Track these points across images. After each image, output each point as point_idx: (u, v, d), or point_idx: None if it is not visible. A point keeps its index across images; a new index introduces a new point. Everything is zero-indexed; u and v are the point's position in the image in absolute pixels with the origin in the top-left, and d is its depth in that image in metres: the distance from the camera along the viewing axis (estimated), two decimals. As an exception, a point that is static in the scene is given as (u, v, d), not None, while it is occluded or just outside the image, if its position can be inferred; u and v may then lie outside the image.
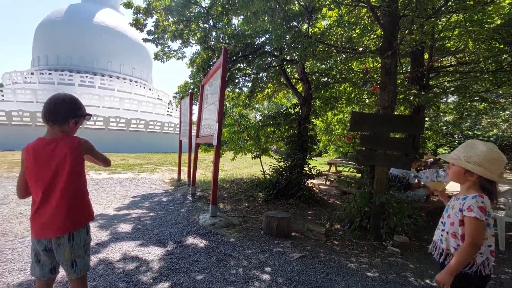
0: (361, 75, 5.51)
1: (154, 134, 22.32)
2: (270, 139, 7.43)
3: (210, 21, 5.78)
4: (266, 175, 7.16)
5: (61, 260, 1.43)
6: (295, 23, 3.91)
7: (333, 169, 9.85)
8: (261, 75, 7.16)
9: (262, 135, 7.38)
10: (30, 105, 19.53)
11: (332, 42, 4.97)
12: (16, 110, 17.72)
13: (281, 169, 5.95)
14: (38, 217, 1.39)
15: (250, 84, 7.60)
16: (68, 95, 1.48)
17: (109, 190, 5.55)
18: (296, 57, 6.04)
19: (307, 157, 5.78)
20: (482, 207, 1.23)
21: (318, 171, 6.36)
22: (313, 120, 6.68)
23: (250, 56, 5.49)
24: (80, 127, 1.56)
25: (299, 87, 7.73)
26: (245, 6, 3.39)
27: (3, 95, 21.13)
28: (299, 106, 6.15)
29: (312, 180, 6.03)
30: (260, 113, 9.60)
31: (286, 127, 6.37)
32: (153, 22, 5.74)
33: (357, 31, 5.07)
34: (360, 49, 4.14)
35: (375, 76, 5.31)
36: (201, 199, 5.19)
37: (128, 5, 5.19)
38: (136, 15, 5.47)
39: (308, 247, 3.07)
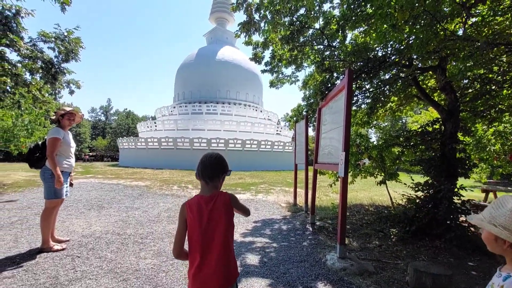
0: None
1: (265, 152, 23.66)
2: (397, 162, 6.35)
3: (325, 41, 5.56)
4: (395, 204, 6.10)
5: None
6: (441, 26, 3.14)
7: (490, 196, 7.50)
8: (382, 88, 6.32)
9: (387, 157, 6.42)
10: (172, 132, 24.48)
11: (486, 38, 3.79)
12: (164, 137, 22.49)
13: (418, 200, 4.88)
14: (199, 273, 1.42)
15: (369, 100, 6.84)
16: (216, 154, 1.59)
17: (233, 213, 5.94)
18: (431, 64, 5.00)
19: (458, 187, 4.50)
20: None
21: (473, 203, 4.89)
22: (462, 138, 5.26)
23: (373, 70, 4.87)
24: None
25: (435, 97, 6.39)
26: (381, 19, 2.96)
27: (156, 126, 27.42)
28: (441, 122, 4.97)
29: (465, 217, 4.64)
30: (379, 130, 8.48)
31: (423, 147, 5.26)
32: (270, 53, 6.01)
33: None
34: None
35: None
36: (322, 230, 4.80)
37: (248, 43, 5.62)
38: (255, 50, 5.87)
39: (492, 330, 2.17)
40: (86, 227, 4.54)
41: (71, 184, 3.87)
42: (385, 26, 3.03)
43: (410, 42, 3.61)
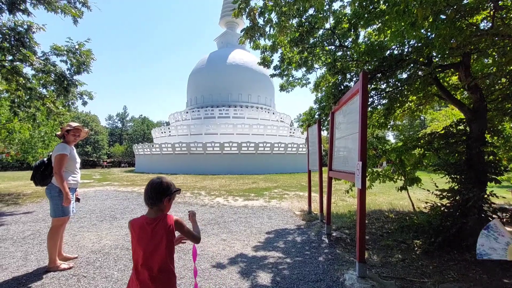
0: None
1: (279, 155, 23.38)
2: (419, 166, 5.96)
3: (336, 41, 5.30)
4: (418, 212, 5.72)
5: None
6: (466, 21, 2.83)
7: (522, 201, 6.92)
8: (400, 88, 5.97)
9: (407, 161, 6.04)
10: (186, 137, 24.66)
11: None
12: (177, 142, 22.69)
13: (443, 208, 4.51)
14: (137, 284, 1.60)
15: (385, 101, 6.48)
16: (159, 180, 1.73)
17: (246, 222, 5.76)
18: (452, 60, 4.63)
19: (488, 193, 4.11)
20: None
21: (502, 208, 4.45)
22: (490, 140, 4.85)
23: (389, 70, 4.57)
24: (174, 201, 1.85)
25: (458, 95, 5.98)
26: (397, 17, 2.70)
27: (170, 131, 27.75)
28: (466, 123, 4.59)
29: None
30: (397, 130, 8.03)
31: (446, 151, 4.87)
32: (279, 56, 5.81)
33: None
34: None
35: None
36: (339, 242, 4.52)
37: (256, 47, 5.44)
38: (263, 54, 5.68)
39: None
40: (96, 241, 4.49)
41: (78, 200, 3.82)
42: (402, 24, 2.76)
43: (430, 39, 3.31)
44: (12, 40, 6.43)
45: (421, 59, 4.69)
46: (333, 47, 5.47)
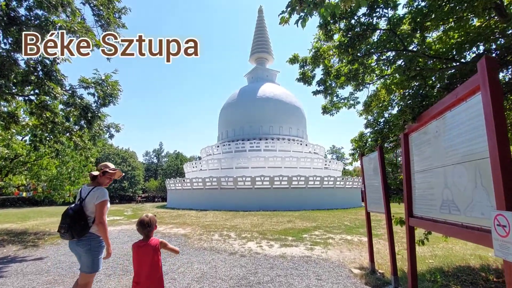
0: None
1: (314, 189, 21.50)
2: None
3: (398, 45, 4.15)
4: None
5: None
6: None
7: None
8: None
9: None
10: (216, 172, 23.98)
11: None
12: (208, 177, 22.00)
13: None
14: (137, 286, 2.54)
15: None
16: (146, 218, 2.69)
17: (287, 285, 4.31)
18: None
19: None
20: None
21: None
22: None
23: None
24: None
25: None
26: None
27: (201, 165, 27.42)
28: None
29: None
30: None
31: None
32: (322, 70, 4.78)
33: None
34: None
35: None
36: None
37: (293, 60, 4.52)
38: (302, 69, 4.70)
39: None
40: (91, 312, 3.38)
41: None
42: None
43: None
44: (40, 73, 6.24)
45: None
46: (393, 52, 4.31)
